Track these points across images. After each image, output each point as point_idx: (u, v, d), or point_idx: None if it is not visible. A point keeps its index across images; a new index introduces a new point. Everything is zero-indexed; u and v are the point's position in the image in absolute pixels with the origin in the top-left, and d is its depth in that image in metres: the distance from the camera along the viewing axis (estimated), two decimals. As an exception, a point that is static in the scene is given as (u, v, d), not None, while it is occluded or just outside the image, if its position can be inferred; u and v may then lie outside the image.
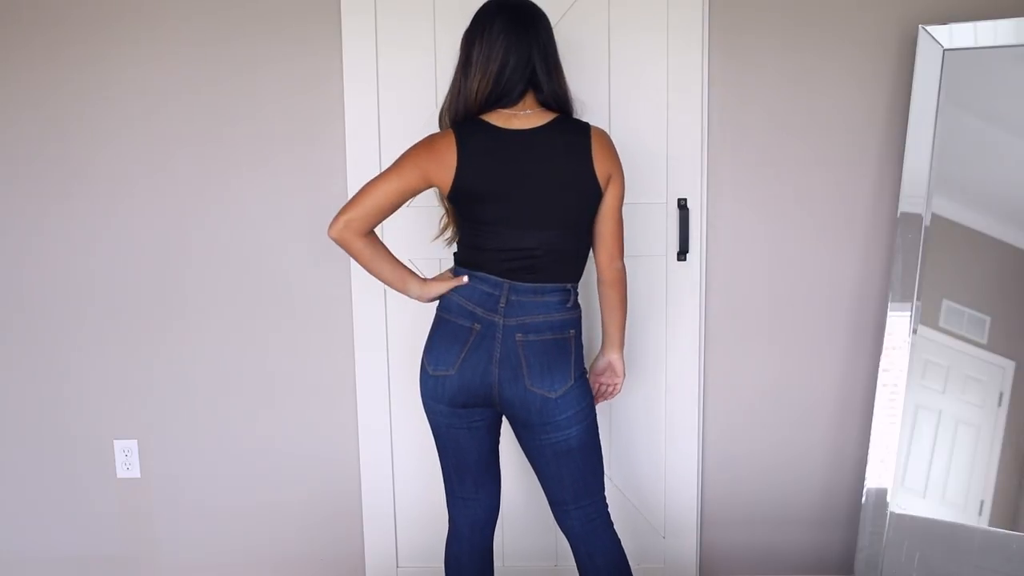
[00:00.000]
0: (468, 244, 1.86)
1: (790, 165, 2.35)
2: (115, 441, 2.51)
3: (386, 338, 2.43)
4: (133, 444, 2.51)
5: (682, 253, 2.36)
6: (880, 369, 2.27)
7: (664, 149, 2.32)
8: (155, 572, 2.57)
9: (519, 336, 1.80)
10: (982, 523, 2.19)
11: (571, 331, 1.85)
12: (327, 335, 2.44)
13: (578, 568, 1.97)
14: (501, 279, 1.80)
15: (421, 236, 2.38)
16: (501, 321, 1.80)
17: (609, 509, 1.96)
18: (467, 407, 1.85)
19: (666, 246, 2.36)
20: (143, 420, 2.50)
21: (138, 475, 2.52)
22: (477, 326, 1.80)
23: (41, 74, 2.35)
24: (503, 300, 1.80)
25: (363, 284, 2.40)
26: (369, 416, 2.47)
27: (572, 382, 1.83)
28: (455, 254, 1.91)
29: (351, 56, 2.31)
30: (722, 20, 2.30)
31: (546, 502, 2.45)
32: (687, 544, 2.50)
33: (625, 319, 1.97)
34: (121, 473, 2.52)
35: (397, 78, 2.32)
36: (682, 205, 2.34)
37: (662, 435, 2.45)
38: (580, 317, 1.89)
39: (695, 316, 2.40)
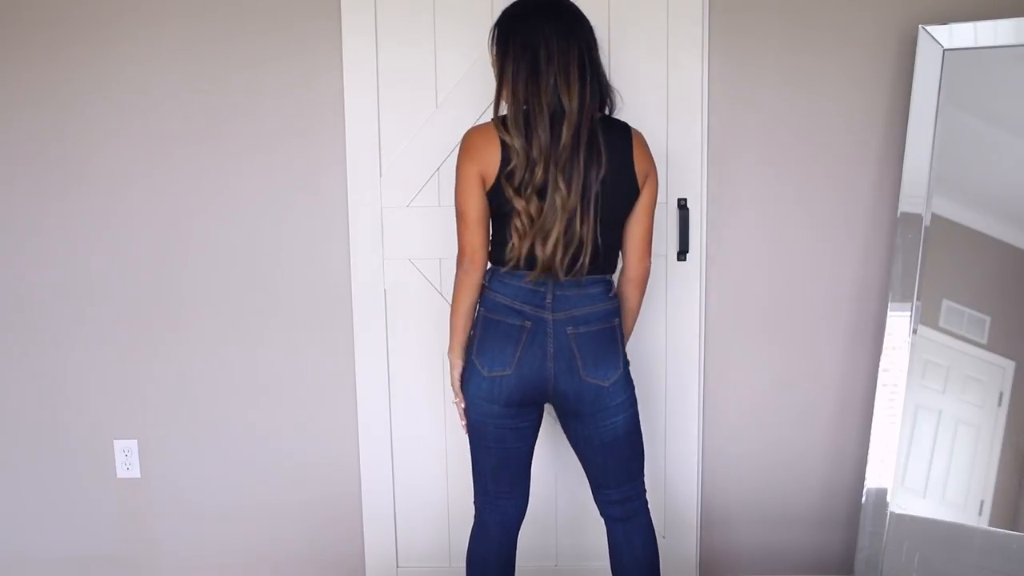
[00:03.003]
0: (509, 243, 1.83)
1: (790, 165, 2.35)
2: (115, 441, 2.51)
3: (386, 338, 2.42)
4: (133, 444, 2.51)
5: (682, 253, 2.36)
6: (880, 369, 2.27)
7: (664, 149, 2.32)
8: (155, 572, 2.57)
9: (570, 329, 1.84)
10: (982, 523, 2.19)
11: (616, 320, 1.90)
12: (327, 335, 2.44)
13: (612, 552, 2.02)
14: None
15: (421, 236, 2.38)
16: (550, 316, 1.83)
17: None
18: (521, 405, 1.88)
19: (666, 246, 2.36)
20: (143, 420, 2.50)
21: (138, 475, 2.52)
22: (528, 323, 1.83)
23: (41, 74, 2.35)
24: (549, 296, 1.83)
25: (363, 284, 2.40)
26: (369, 416, 2.46)
27: (621, 370, 1.89)
28: (490, 253, 1.90)
29: (351, 52, 2.31)
30: (722, 20, 2.30)
31: (547, 502, 2.46)
32: (687, 544, 2.50)
33: (636, 317, 2.03)
34: (121, 473, 2.52)
35: (397, 74, 2.32)
36: (682, 205, 2.34)
37: (662, 435, 2.45)
38: (619, 306, 1.93)
39: (695, 316, 2.40)
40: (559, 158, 1.75)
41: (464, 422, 1.94)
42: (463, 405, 1.92)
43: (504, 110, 1.83)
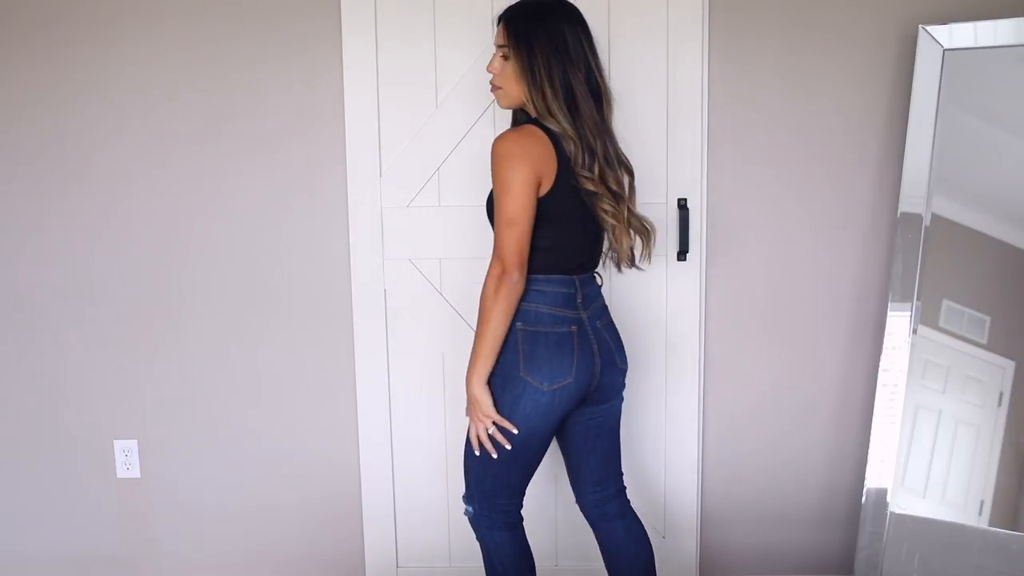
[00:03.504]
0: (539, 247, 1.81)
1: (790, 165, 2.35)
2: (115, 441, 2.51)
3: (386, 338, 2.42)
4: (133, 444, 2.51)
5: (682, 253, 2.36)
6: (880, 369, 2.27)
7: (664, 149, 2.32)
8: (155, 572, 2.57)
9: (599, 323, 1.89)
10: (982, 523, 2.19)
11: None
12: (327, 335, 2.44)
13: (611, 551, 2.02)
14: (573, 276, 1.85)
15: (421, 236, 2.38)
16: (585, 315, 1.86)
17: None
18: (574, 408, 1.89)
19: (666, 246, 2.36)
20: (143, 420, 2.50)
21: (138, 475, 2.52)
22: (574, 328, 1.84)
23: (41, 74, 2.35)
24: (579, 295, 1.86)
25: (363, 284, 2.40)
26: (369, 416, 2.46)
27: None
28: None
29: (351, 52, 2.31)
30: (722, 20, 2.30)
31: (547, 503, 2.45)
32: (687, 544, 2.50)
33: None
34: (121, 473, 2.52)
35: (397, 74, 2.32)
36: (682, 205, 2.34)
37: (662, 435, 2.45)
38: None
39: (695, 316, 2.40)
40: (607, 134, 1.84)
41: (490, 443, 1.82)
42: (515, 430, 1.80)
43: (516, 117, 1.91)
